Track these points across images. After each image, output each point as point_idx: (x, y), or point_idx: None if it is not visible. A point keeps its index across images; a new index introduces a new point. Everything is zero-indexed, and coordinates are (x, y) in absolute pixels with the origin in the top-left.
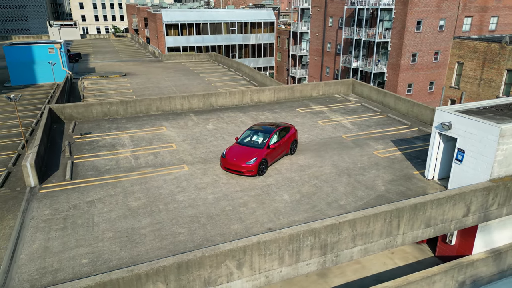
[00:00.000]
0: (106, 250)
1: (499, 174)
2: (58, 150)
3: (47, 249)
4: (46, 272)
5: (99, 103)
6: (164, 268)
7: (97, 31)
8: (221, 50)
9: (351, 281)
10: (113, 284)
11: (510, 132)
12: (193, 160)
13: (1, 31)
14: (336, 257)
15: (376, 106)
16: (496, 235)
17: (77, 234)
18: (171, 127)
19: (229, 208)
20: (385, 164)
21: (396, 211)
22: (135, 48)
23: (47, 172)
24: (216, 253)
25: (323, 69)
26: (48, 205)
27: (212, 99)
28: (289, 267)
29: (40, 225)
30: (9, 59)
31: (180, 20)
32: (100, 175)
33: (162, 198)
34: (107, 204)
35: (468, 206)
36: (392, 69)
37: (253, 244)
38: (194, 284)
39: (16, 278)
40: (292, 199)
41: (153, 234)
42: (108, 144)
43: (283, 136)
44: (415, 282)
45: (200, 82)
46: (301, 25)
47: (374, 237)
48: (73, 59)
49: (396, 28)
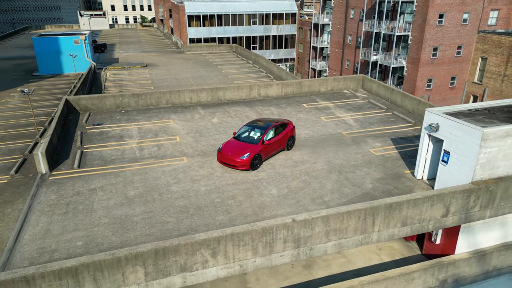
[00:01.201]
0: (99, 235)
1: (482, 177)
2: (70, 140)
3: (48, 232)
4: (44, 252)
5: (112, 95)
6: (142, 254)
7: (126, 21)
8: (242, 42)
9: (335, 274)
10: (95, 265)
11: (494, 136)
12: (193, 153)
13: (36, 20)
14: (309, 251)
15: (384, 103)
16: (481, 237)
17: (76, 219)
18: (178, 120)
19: (218, 200)
20: (378, 162)
21: (370, 209)
22: (160, 39)
23: (58, 160)
24: (191, 242)
25: (344, 61)
26: (55, 191)
27: (220, 93)
28: (263, 257)
29: (45, 209)
30: (37, 49)
31: (202, 12)
32: (106, 164)
33: (158, 189)
34: (107, 192)
35: (448, 207)
36: (411, 63)
37: (227, 235)
38: (171, 269)
39: (18, 256)
40: (280, 193)
41: (143, 221)
42: (117, 135)
43: (279, 132)
44: (393, 278)
45: (217, 74)
46: (322, 17)
47: (349, 234)
48: (99, 50)
49: (417, 21)
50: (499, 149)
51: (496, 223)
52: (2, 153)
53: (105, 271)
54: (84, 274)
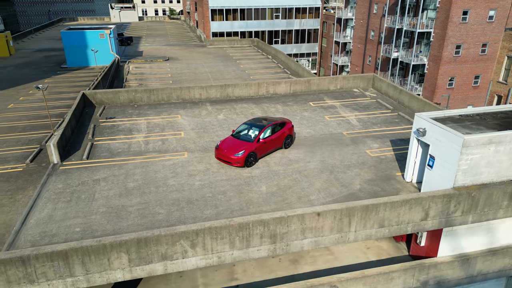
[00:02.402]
0: (96, 222)
1: (464, 182)
2: (84, 132)
3: (51, 217)
4: (45, 236)
5: (126, 90)
6: (126, 242)
7: (155, 13)
8: (264, 36)
9: (320, 270)
10: (83, 250)
11: (475, 143)
12: (194, 148)
13: (70, 12)
14: (286, 246)
15: (391, 103)
16: (465, 241)
17: (78, 207)
18: (186, 115)
19: (209, 195)
20: (371, 163)
21: (346, 210)
22: (185, 32)
23: (70, 151)
24: (172, 233)
25: (365, 57)
26: (63, 180)
27: (229, 90)
28: (240, 250)
29: (52, 196)
30: (66, 43)
31: (225, 6)
32: (112, 157)
33: (156, 181)
34: (109, 183)
35: (427, 211)
36: (433, 61)
37: (205, 228)
38: (152, 257)
39: (22, 238)
40: (268, 191)
41: (137, 212)
42: (127, 129)
43: (277, 131)
44: (372, 276)
45: (235, 69)
46: (346, 11)
47: (325, 232)
48: (125, 43)
49: (440, 18)
50: (481, 156)
51: (481, 228)
52: (22, 142)
53: (92, 255)
54: (73, 257)
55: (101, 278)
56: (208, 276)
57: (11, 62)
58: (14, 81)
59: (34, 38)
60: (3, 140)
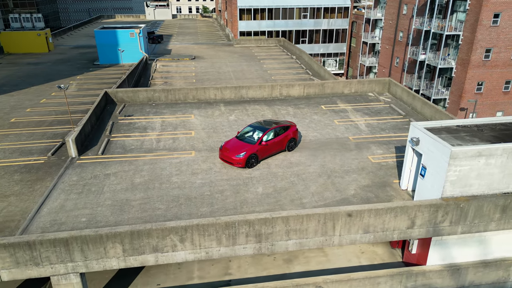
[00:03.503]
0: (100, 214)
1: (453, 193)
2: (103, 129)
3: (62, 207)
4: (55, 224)
5: (145, 89)
6: (120, 233)
7: (189, 11)
8: (291, 35)
9: (311, 270)
10: (82, 239)
11: (464, 155)
12: (202, 147)
13: (109, 10)
14: (271, 246)
15: (405, 108)
16: (455, 251)
17: (87, 199)
18: (199, 115)
19: (207, 193)
20: (371, 169)
21: (330, 215)
22: (215, 30)
23: (88, 146)
24: (162, 228)
25: (393, 59)
26: (78, 173)
27: (243, 91)
28: (226, 247)
29: (66, 188)
30: (98, 41)
31: (253, 5)
32: (125, 153)
33: (161, 178)
34: (118, 178)
35: (413, 219)
36: (461, 64)
37: (193, 225)
38: (144, 248)
39: (34, 225)
40: (264, 192)
41: (139, 206)
42: (142, 126)
43: (280, 134)
44: (358, 279)
45: (258, 69)
46: (375, 12)
47: (309, 234)
48: (156, 41)
49: (469, 20)
50: (471, 168)
51: (473, 240)
52: (47, 136)
53: (90, 244)
54: (73, 244)
55: (98, 265)
56: (204, 270)
57: (49, 58)
58: (49, 77)
59: (73, 35)
60: (31, 133)
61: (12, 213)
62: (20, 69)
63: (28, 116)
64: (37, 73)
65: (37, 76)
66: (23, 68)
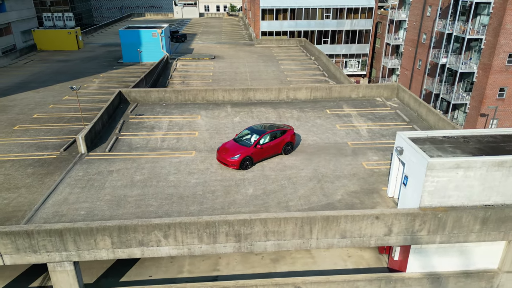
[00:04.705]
0: (98, 208)
1: (432, 203)
2: (114, 127)
3: (65, 200)
4: (56, 215)
5: (157, 90)
6: (109, 227)
7: (217, 9)
8: (313, 36)
9: (296, 271)
10: (74, 231)
11: (441, 166)
12: (203, 148)
13: (140, 8)
14: (250, 246)
15: (411, 115)
16: (436, 260)
17: (89, 193)
18: (205, 116)
19: (199, 193)
20: (362, 175)
21: (307, 219)
22: (239, 29)
23: (97, 143)
24: (147, 224)
25: (416, 61)
26: (84, 169)
27: (250, 93)
28: (208, 245)
29: (71, 182)
30: (123, 40)
31: (276, 5)
32: (130, 151)
33: (159, 177)
34: (120, 175)
35: (390, 227)
36: (483, 69)
37: (176, 223)
38: (131, 242)
39: (38, 215)
40: (253, 194)
41: (134, 202)
42: (150, 126)
43: (276, 138)
44: (336, 282)
45: (274, 70)
46: (399, 12)
47: (287, 236)
48: (179, 40)
49: (492, 24)
50: (449, 180)
51: (453, 250)
52: (63, 132)
53: (82, 235)
54: (67, 235)
55: (89, 255)
56: (195, 265)
57: (77, 56)
58: (75, 74)
59: (103, 33)
60: (49, 129)
61: (20, 204)
62: (50, 66)
63: (50, 112)
64: (65, 70)
65: (64, 74)
66: (53, 65)
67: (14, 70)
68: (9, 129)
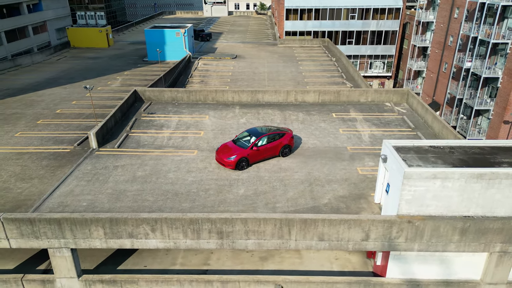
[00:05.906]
0: (99, 200)
1: (409, 212)
2: (126, 124)
3: (71, 192)
4: (60, 205)
5: (170, 90)
6: (102, 219)
7: (246, 7)
8: (337, 36)
9: (282, 270)
10: (71, 221)
11: (418, 176)
12: (205, 147)
13: (172, 5)
14: (232, 243)
15: (417, 121)
16: (415, 267)
17: (93, 186)
18: (213, 116)
19: (194, 191)
20: (354, 181)
21: (286, 220)
22: (265, 29)
23: (109, 139)
24: (136, 218)
25: (442, 64)
26: (93, 163)
27: (259, 95)
28: (192, 240)
29: (79, 175)
30: (148, 39)
31: (300, 6)
32: (137, 148)
33: (159, 173)
34: (124, 170)
35: (367, 232)
36: (507, 74)
37: (162, 218)
38: (122, 233)
39: (45, 205)
40: (244, 194)
41: (132, 197)
42: (159, 124)
43: (274, 140)
44: (315, 283)
45: (293, 71)
46: (427, 14)
47: (267, 236)
48: (205, 39)
49: None
50: (427, 189)
51: (433, 258)
52: (81, 128)
53: (77, 225)
54: (64, 224)
55: (85, 243)
56: (187, 258)
57: (106, 53)
58: (102, 71)
59: (134, 30)
60: (68, 124)
61: (31, 193)
62: (80, 63)
63: (72, 108)
64: (93, 67)
65: (92, 71)
66: (83, 62)
67: (46, 66)
68: (33, 123)
